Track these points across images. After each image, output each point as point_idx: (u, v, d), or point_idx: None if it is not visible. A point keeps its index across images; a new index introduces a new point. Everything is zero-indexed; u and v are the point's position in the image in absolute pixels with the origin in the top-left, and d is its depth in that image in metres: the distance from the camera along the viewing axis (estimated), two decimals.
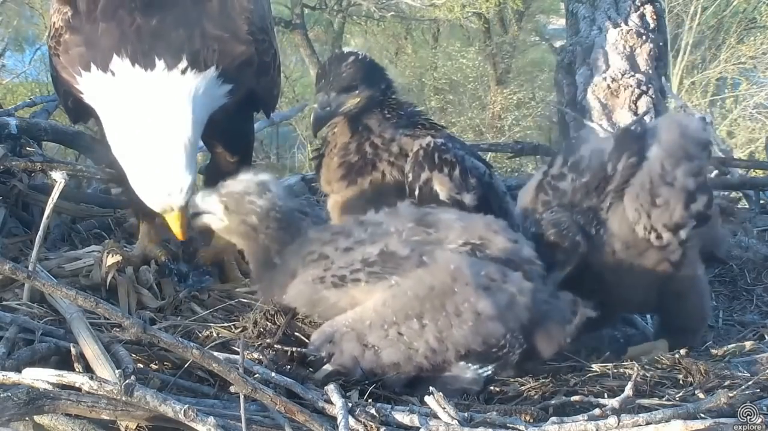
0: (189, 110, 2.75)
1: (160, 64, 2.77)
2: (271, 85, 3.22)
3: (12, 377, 2.18)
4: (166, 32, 2.82)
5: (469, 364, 2.59)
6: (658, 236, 2.87)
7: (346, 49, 3.11)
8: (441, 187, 2.97)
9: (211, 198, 2.79)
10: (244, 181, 2.79)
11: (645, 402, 2.51)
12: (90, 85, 2.85)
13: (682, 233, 2.88)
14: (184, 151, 2.69)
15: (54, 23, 2.93)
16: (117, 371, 2.24)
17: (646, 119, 5.55)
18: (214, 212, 2.79)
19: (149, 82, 2.76)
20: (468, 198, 2.97)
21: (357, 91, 3.02)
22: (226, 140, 3.29)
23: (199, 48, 2.83)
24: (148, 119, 2.70)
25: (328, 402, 2.29)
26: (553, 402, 2.50)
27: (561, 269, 2.83)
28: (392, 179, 3.06)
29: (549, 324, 2.67)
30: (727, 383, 2.65)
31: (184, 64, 2.79)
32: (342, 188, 3.11)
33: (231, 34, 2.92)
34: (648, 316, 3.52)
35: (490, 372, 2.63)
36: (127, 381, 2.08)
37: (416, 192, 2.96)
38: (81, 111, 3.09)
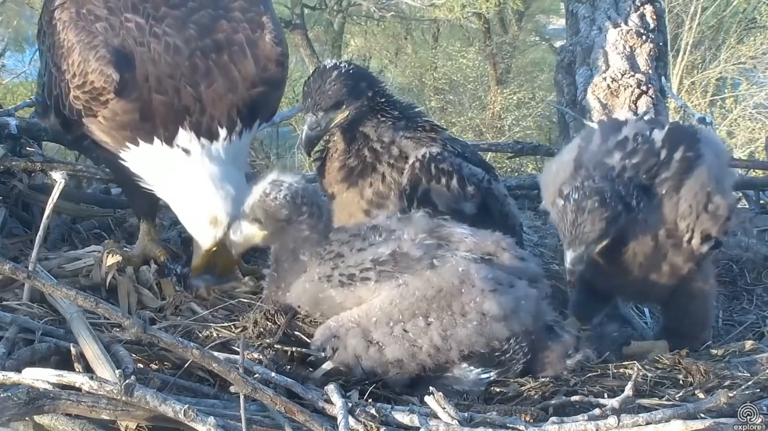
0: (240, 165, 3.09)
1: (222, 132, 2.98)
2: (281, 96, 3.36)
3: (12, 377, 2.18)
4: (217, 99, 2.99)
5: (472, 367, 2.60)
6: (691, 239, 2.85)
7: (328, 63, 3.08)
8: (439, 199, 2.97)
9: (242, 225, 2.85)
10: (257, 189, 2.81)
11: (645, 402, 2.51)
12: (142, 154, 2.98)
13: (706, 246, 2.88)
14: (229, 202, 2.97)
15: (92, 81, 2.91)
16: (117, 371, 2.24)
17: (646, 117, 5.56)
18: (253, 233, 2.84)
19: (213, 150, 2.98)
20: (467, 208, 2.98)
21: (344, 106, 3.00)
22: None
23: (248, 109, 3.04)
24: (209, 182, 2.96)
25: (328, 402, 2.29)
26: (553, 402, 2.51)
27: (599, 241, 2.75)
28: (392, 181, 3.06)
29: (550, 351, 2.70)
30: (727, 383, 2.65)
31: (239, 126, 3.01)
32: (343, 191, 3.11)
33: (270, 86, 3.14)
34: (648, 315, 3.52)
35: (492, 377, 2.63)
36: (127, 381, 2.09)
37: (414, 204, 2.96)
38: (83, 147, 3.20)
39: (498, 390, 2.65)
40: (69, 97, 2.99)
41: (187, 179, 2.98)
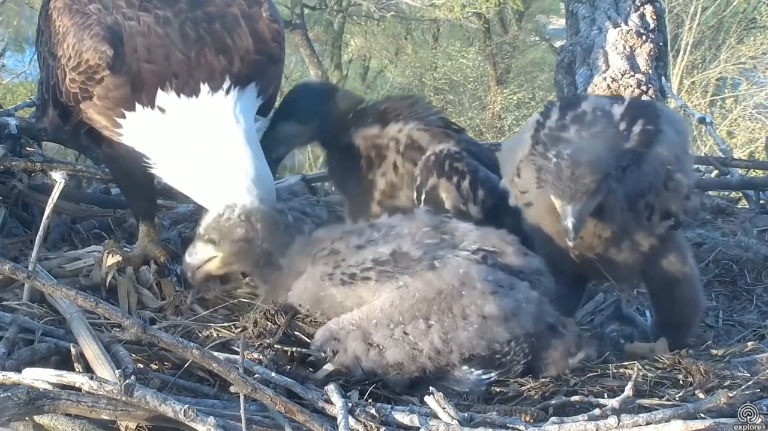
0: (239, 122, 2.90)
1: (204, 88, 2.89)
2: (280, 85, 3.30)
3: (12, 377, 2.18)
4: (207, 62, 2.92)
5: (472, 369, 2.60)
6: (651, 216, 2.80)
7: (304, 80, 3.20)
8: (446, 195, 2.97)
9: (198, 247, 2.82)
10: (211, 211, 2.82)
11: (645, 402, 2.51)
12: (134, 125, 2.92)
13: (665, 224, 2.83)
14: (250, 159, 2.85)
15: (87, 59, 2.89)
16: (117, 371, 2.24)
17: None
18: (209, 254, 2.81)
19: (196, 108, 2.87)
20: (474, 210, 2.97)
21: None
22: None
23: (238, 69, 2.95)
24: (203, 142, 2.84)
25: (328, 402, 2.29)
26: (553, 402, 2.50)
27: (596, 194, 2.68)
28: (406, 172, 3.09)
29: (552, 350, 2.69)
30: (727, 383, 2.64)
31: (227, 84, 2.90)
32: (356, 186, 3.17)
33: (267, 59, 3.06)
34: (648, 315, 3.52)
35: (492, 378, 2.63)
36: (127, 381, 2.09)
37: (422, 197, 2.96)
38: (83, 139, 3.17)
39: (498, 390, 2.64)
40: (65, 82, 2.98)
41: (172, 141, 2.89)
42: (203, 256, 2.81)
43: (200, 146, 2.85)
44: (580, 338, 2.77)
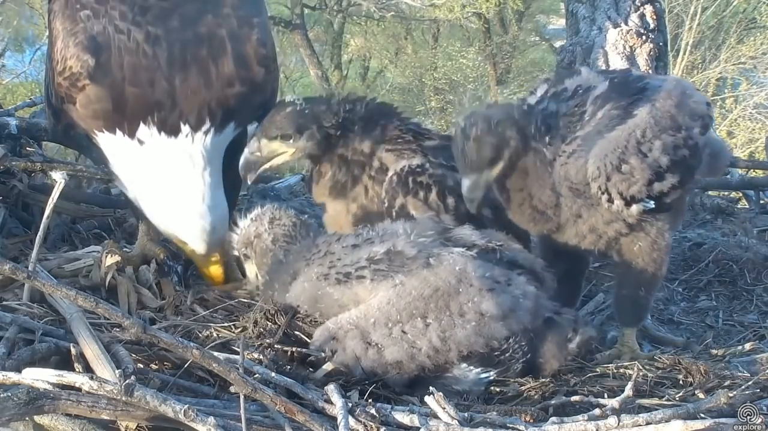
0: (210, 165, 2.99)
1: (185, 129, 2.92)
2: (275, 99, 3.25)
3: (12, 377, 2.18)
4: (189, 95, 2.93)
5: (471, 367, 2.60)
6: (610, 200, 2.76)
7: (287, 98, 3.07)
8: (416, 212, 2.96)
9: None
10: (234, 232, 3.00)
11: (645, 402, 2.52)
12: (112, 146, 2.97)
13: (635, 208, 2.77)
14: (207, 199, 2.99)
15: (70, 66, 2.90)
16: (117, 371, 2.24)
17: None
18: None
19: (174, 148, 2.93)
20: (447, 219, 2.96)
21: (291, 141, 3.00)
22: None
23: (220, 103, 2.96)
24: (170, 179, 2.96)
25: (328, 402, 2.29)
26: (553, 402, 2.50)
27: (491, 165, 2.73)
28: (375, 194, 3.06)
29: (551, 340, 2.69)
30: (727, 383, 2.65)
31: (206, 125, 2.94)
32: (331, 203, 3.13)
33: (250, 87, 3.02)
34: (648, 317, 3.52)
35: (491, 377, 2.63)
36: (127, 381, 2.08)
37: (393, 217, 2.95)
38: (74, 139, 3.17)
39: (498, 390, 2.65)
40: (54, 84, 3.00)
41: (143, 170, 2.97)
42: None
43: (167, 179, 2.95)
44: (576, 321, 2.76)
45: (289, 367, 2.56)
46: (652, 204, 2.78)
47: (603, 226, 2.85)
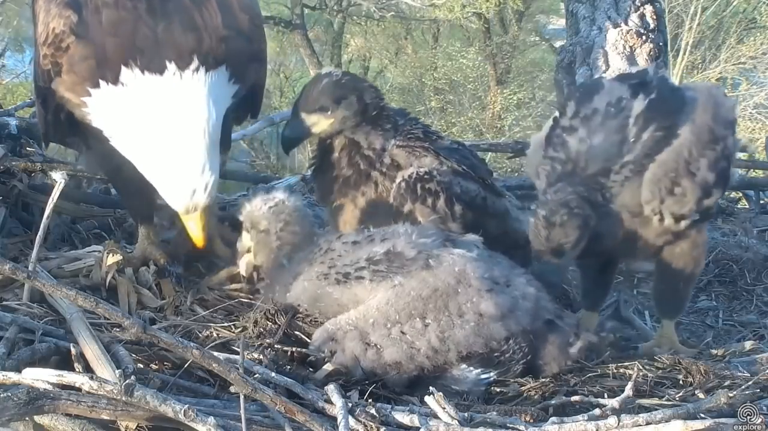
0: (205, 108, 2.80)
1: (170, 67, 2.81)
2: (264, 78, 3.24)
3: (12, 377, 2.18)
4: (174, 37, 2.85)
5: (471, 367, 2.59)
6: (661, 219, 2.82)
7: (324, 70, 3.12)
8: (423, 218, 2.97)
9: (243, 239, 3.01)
10: (254, 200, 2.97)
11: (645, 402, 2.52)
12: (100, 103, 2.86)
13: (683, 223, 2.84)
14: (205, 149, 2.76)
15: (53, 28, 2.87)
16: (117, 371, 2.24)
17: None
18: (246, 242, 2.98)
19: (162, 87, 2.79)
20: (454, 227, 2.96)
21: (329, 112, 3.01)
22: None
23: (208, 48, 2.87)
24: (165, 123, 2.75)
25: (328, 402, 2.29)
26: (553, 402, 2.50)
27: (574, 247, 2.77)
28: (384, 190, 3.06)
29: (552, 343, 2.68)
30: (727, 383, 2.65)
31: (195, 64, 2.83)
32: (338, 200, 3.12)
33: (236, 32, 2.97)
34: (647, 316, 3.52)
35: (492, 378, 2.63)
36: (127, 381, 2.08)
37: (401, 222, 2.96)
38: (67, 129, 3.09)
39: (498, 390, 2.64)
40: (40, 62, 2.96)
41: (134, 117, 2.81)
42: (246, 243, 3.01)
43: (160, 126, 2.77)
44: (578, 326, 2.77)
45: (289, 367, 2.56)
46: (698, 216, 2.86)
47: (653, 239, 2.91)
